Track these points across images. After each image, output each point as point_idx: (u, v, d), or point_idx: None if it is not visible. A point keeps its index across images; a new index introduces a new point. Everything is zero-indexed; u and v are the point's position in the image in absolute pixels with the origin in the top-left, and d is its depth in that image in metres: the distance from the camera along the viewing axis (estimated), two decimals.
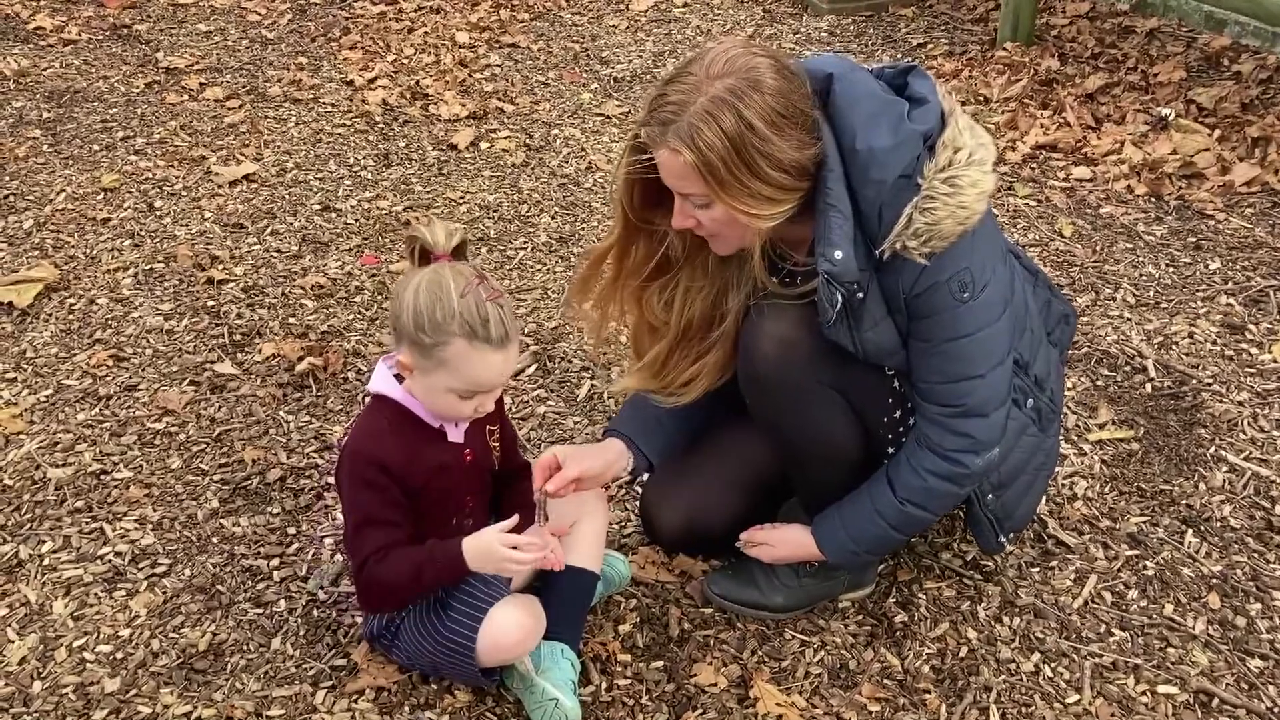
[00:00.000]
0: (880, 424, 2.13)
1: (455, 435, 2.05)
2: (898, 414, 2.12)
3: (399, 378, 2.02)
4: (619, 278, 2.15)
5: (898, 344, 1.99)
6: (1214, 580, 2.40)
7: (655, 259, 2.12)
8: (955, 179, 1.85)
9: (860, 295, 1.90)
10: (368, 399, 2.09)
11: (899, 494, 2.07)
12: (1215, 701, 2.15)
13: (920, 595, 2.37)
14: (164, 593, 2.36)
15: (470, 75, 4.91)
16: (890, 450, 2.15)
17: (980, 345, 1.96)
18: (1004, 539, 2.24)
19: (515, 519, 2.00)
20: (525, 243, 3.68)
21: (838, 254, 1.85)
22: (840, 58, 1.98)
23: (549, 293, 3.41)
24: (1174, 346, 3.12)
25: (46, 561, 2.43)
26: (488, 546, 1.96)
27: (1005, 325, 1.99)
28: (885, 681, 2.19)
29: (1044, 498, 2.59)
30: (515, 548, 1.96)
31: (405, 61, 5.02)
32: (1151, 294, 3.36)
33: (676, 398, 2.22)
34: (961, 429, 2.00)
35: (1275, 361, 3.05)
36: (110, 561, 2.43)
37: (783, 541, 2.26)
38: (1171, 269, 3.49)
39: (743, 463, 2.36)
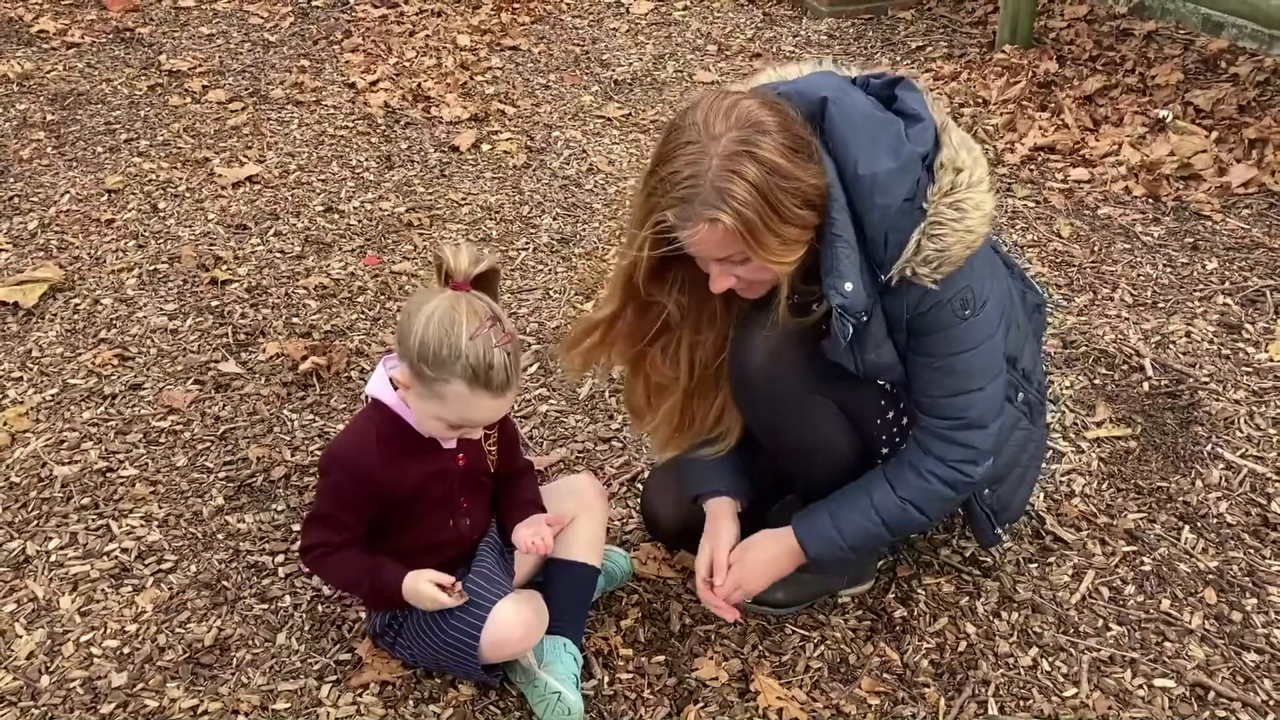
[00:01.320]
0: (874, 425, 2.14)
1: (448, 442, 2.07)
2: (891, 415, 2.13)
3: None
4: (604, 343, 2.10)
5: (896, 360, 1.99)
6: (1210, 576, 2.42)
7: (655, 326, 2.07)
8: (960, 203, 1.84)
9: (866, 319, 1.90)
10: (366, 400, 2.11)
11: (899, 492, 2.06)
12: (1211, 695, 2.17)
13: (919, 590, 2.39)
14: (170, 588, 2.38)
15: (471, 78, 4.94)
16: (885, 451, 2.16)
17: (980, 359, 1.96)
18: (1000, 531, 2.26)
19: (449, 578, 2.03)
20: (527, 243, 3.70)
21: (848, 286, 1.82)
22: (828, 75, 1.95)
23: (550, 293, 3.43)
24: (1171, 345, 3.15)
25: (54, 558, 2.45)
26: (420, 589, 2.02)
27: (1001, 335, 2.01)
28: (885, 675, 2.21)
29: (1041, 494, 2.62)
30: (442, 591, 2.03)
31: (407, 64, 5.05)
32: (1149, 294, 3.39)
33: (719, 446, 2.19)
34: (963, 440, 2.01)
35: (1271, 360, 3.07)
36: (116, 558, 2.45)
37: (754, 569, 2.17)
38: (1169, 269, 3.51)
39: (742, 459, 2.38)
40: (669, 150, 1.80)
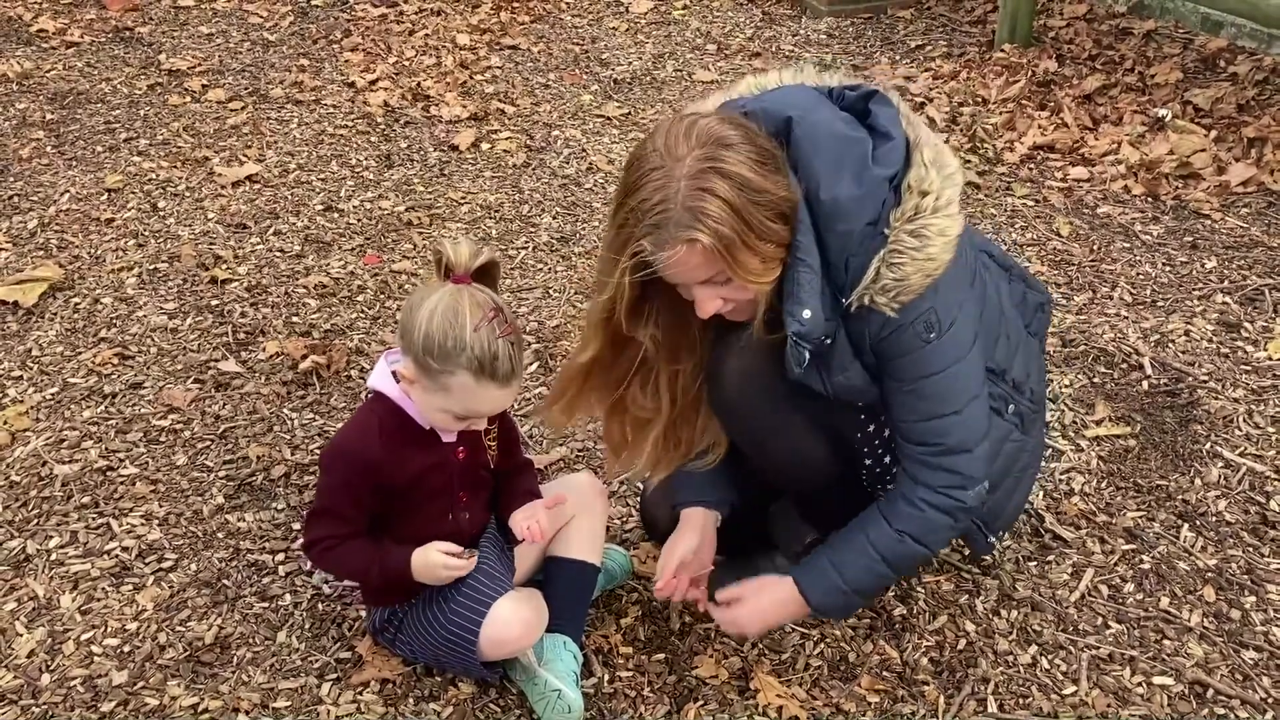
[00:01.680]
0: (855, 439, 2.12)
1: (448, 435, 2.08)
2: (871, 428, 2.10)
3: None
4: (583, 391, 2.08)
5: (868, 382, 1.95)
6: (1209, 574, 2.43)
7: (633, 366, 2.04)
8: (922, 230, 1.79)
9: (828, 342, 1.87)
10: (369, 394, 2.12)
11: (895, 525, 2.00)
12: (1210, 692, 2.17)
13: (919, 589, 2.39)
14: (170, 587, 2.38)
15: (471, 77, 4.94)
16: (868, 462, 2.14)
17: (953, 381, 1.92)
18: (994, 539, 2.25)
19: (458, 547, 2.05)
20: (527, 242, 3.70)
21: (806, 313, 1.79)
22: (798, 90, 1.92)
23: (550, 291, 3.43)
24: (1170, 344, 3.15)
25: (54, 556, 2.45)
26: (430, 558, 2.03)
27: (977, 356, 1.96)
28: (884, 673, 2.21)
29: (1041, 492, 2.62)
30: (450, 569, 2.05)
31: (406, 63, 5.05)
32: (1148, 292, 3.39)
33: (708, 458, 2.17)
34: (948, 466, 1.96)
35: (1270, 359, 3.07)
36: (117, 556, 2.46)
37: (754, 615, 2.12)
38: (1168, 268, 3.52)
39: (738, 460, 2.37)
40: (635, 181, 1.76)
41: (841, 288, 1.84)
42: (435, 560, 2.02)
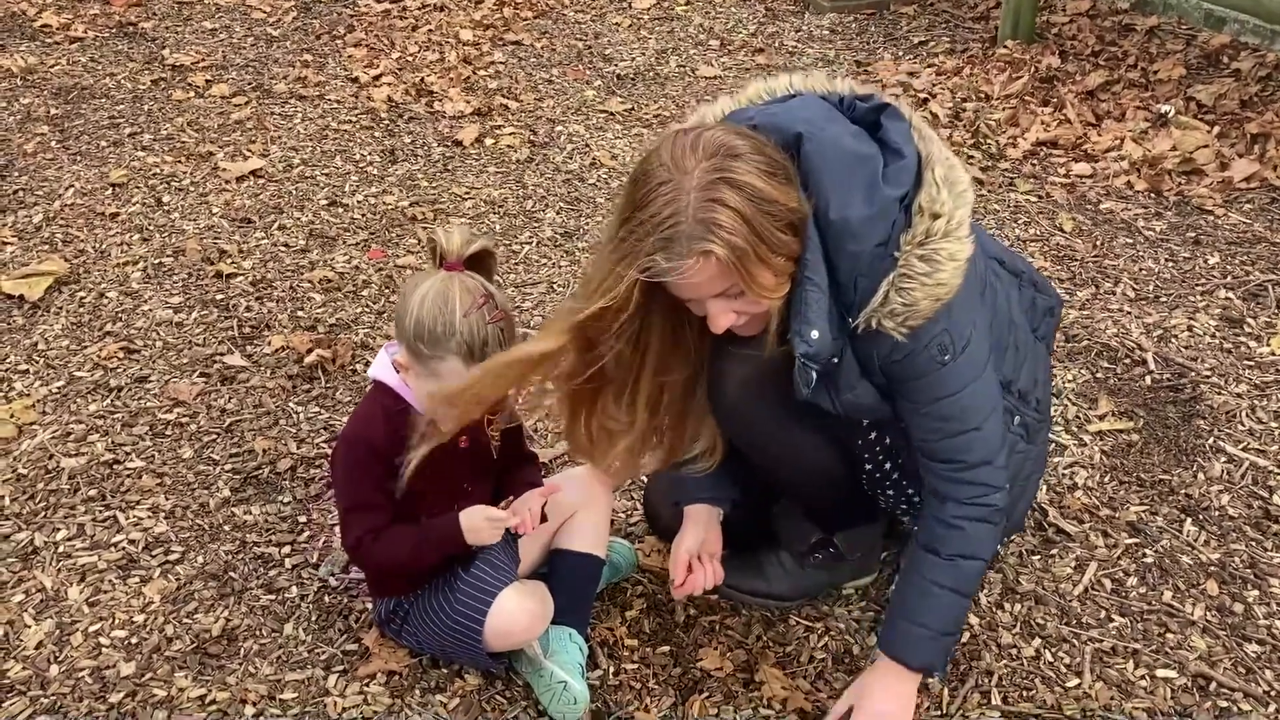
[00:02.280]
0: (856, 445, 2.12)
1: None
2: (873, 435, 2.10)
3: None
4: (516, 382, 1.96)
5: (878, 400, 1.93)
6: (1212, 568, 2.44)
7: (585, 371, 1.93)
8: (933, 255, 1.76)
9: (835, 361, 1.85)
10: (370, 384, 2.13)
11: (944, 553, 1.96)
12: (1213, 685, 2.18)
13: None
14: (177, 579, 2.39)
15: (475, 72, 4.95)
16: (868, 466, 2.14)
17: (971, 399, 1.90)
18: (998, 547, 2.24)
19: (509, 498, 2.08)
20: (530, 238, 3.71)
21: (814, 334, 1.77)
22: (809, 103, 1.87)
23: (554, 286, 3.44)
24: (1173, 340, 3.16)
25: (61, 549, 2.46)
26: (474, 517, 2.05)
27: (992, 373, 1.94)
28: None
29: (1044, 487, 2.63)
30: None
31: (410, 59, 5.06)
32: (1151, 288, 3.40)
33: (707, 463, 2.15)
34: (971, 479, 1.94)
35: (1273, 354, 3.08)
36: (124, 549, 2.47)
37: (880, 716, 2.00)
38: (1171, 263, 3.52)
39: (740, 457, 2.38)
40: (643, 196, 1.71)
41: (849, 307, 1.81)
42: (479, 515, 2.04)
